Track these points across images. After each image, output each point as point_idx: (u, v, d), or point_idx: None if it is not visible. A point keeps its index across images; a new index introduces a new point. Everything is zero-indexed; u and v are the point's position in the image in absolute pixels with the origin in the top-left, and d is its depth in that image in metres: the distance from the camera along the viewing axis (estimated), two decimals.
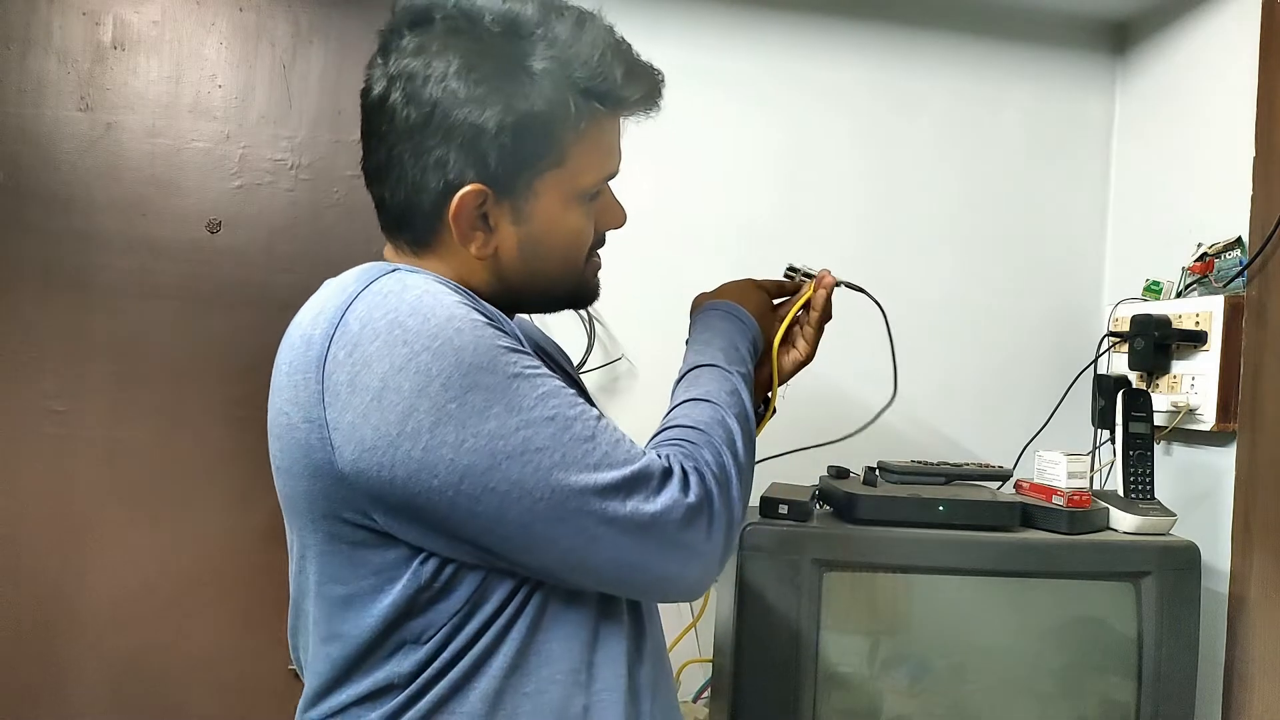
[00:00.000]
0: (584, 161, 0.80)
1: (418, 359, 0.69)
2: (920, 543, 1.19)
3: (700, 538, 0.75)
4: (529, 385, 0.72)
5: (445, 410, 0.69)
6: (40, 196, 1.46)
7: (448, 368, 0.69)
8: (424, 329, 0.70)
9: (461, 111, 0.75)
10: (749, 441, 0.86)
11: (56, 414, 1.47)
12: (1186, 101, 1.54)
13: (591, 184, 0.82)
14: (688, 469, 0.77)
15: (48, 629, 1.47)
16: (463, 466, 0.69)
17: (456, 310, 0.72)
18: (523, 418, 0.70)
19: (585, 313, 1.53)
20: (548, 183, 0.79)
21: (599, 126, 0.80)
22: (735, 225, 1.60)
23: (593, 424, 0.74)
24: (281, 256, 1.52)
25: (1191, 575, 1.22)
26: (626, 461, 0.73)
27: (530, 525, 0.71)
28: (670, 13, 1.58)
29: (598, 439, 0.73)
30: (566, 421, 0.72)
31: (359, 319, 0.71)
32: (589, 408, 0.75)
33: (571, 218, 0.82)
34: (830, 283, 1.03)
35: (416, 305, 0.71)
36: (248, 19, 1.52)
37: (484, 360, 0.70)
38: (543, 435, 0.71)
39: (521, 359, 0.73)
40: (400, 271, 0.75)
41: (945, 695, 1.22)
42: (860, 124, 1.65)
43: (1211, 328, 1.38)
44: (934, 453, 1.56)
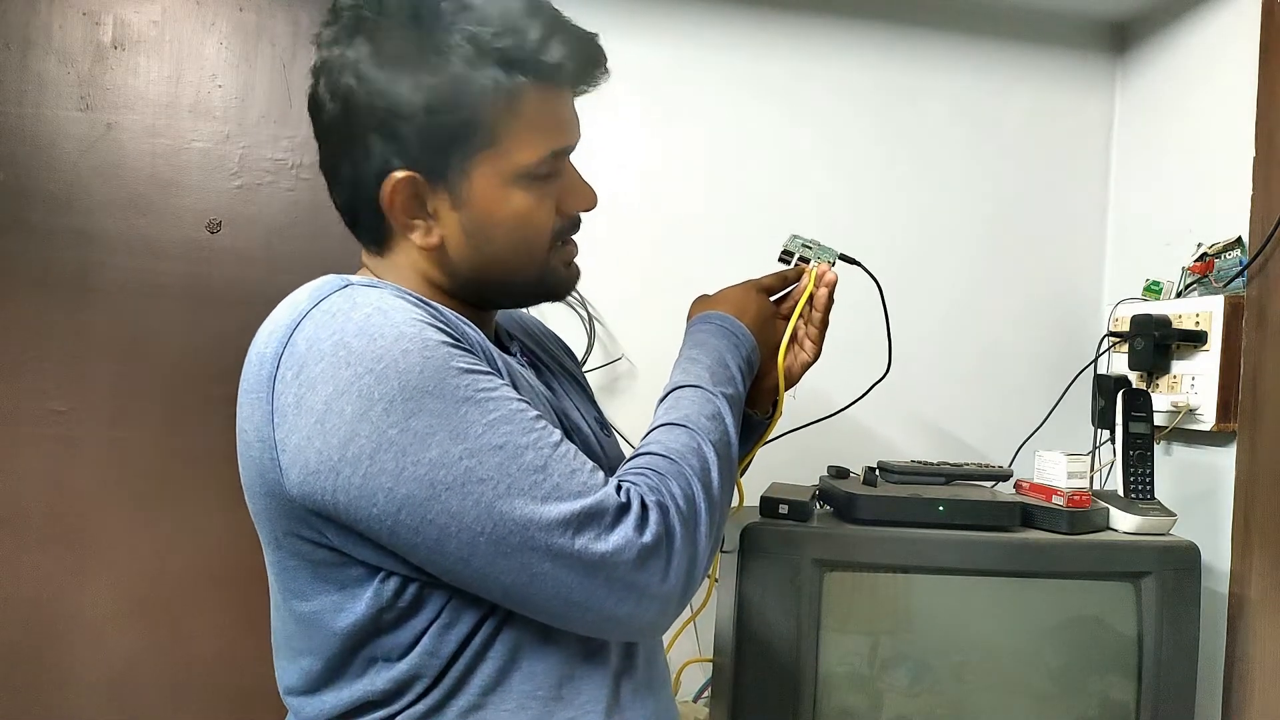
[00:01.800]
0: (520, 138, 0.76)
1: (360, 381, 0.66)
2: (920, 543, 1.19)
3: (654, 580, 0.71)
4: (479, 410, 0.68)
5: (386, 436, 0.66)
6: (40, 196, 1.46)
7: (391, 391, 0.66)
8: (368, 350, 0.67)
9: (376, 97, 0.73)
10: (727, 471, 0.81)
11: (56, 414, 1.47)
12: (1186, 101, 1.54)
13: (531, 162, 0.77)
14: (649, 503, 0.72)
15: (48, 628, 1.46)
16: (401, 496, 0.66)
17: (406, 329, 0.68)
18: (468, 445, 0.67)
19: (585, 312, 1.53)
20: (481, 164, 0.76)
21: (532, 99, 0.75)
22: (735, 224, 1.60)
23: (547, 452, 0.69)
24: (281, 256, 1.52)
25: (1191, 575, 1.22)
26: (579, 494, 0.69)
27: (469, 559, 0.68)
28: (671, 12, 1.58)
29: (550, 469, 0.69)
30: (516, 450, 0.68)
31: (306, 339, 0.69)
32: (547, 433, 0.71)
33: (515, 199, 0.78)
34: (832, 280, 1.01)
35: (363, 325, 0.68)
36: (248, 19, 1.52)
37: (431, 383, 0.67)
38: (488, 465, 0.67)
39: (476, 380, 0.69)
40: (352, 287, 0.72)
41: (945, 695, 1.22)
42: (860, 124, 1.65)
43: (1211, 328, 1.38)
44: (934, 453, 1.56)
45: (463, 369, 0.69)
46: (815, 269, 1.01)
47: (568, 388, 0.94)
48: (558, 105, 0.79)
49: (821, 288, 1.01)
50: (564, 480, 0.69)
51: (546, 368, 0.94)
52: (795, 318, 1.01)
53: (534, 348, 0.97)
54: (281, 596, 0.77)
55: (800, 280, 1.03)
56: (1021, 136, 1.69)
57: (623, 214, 1.55)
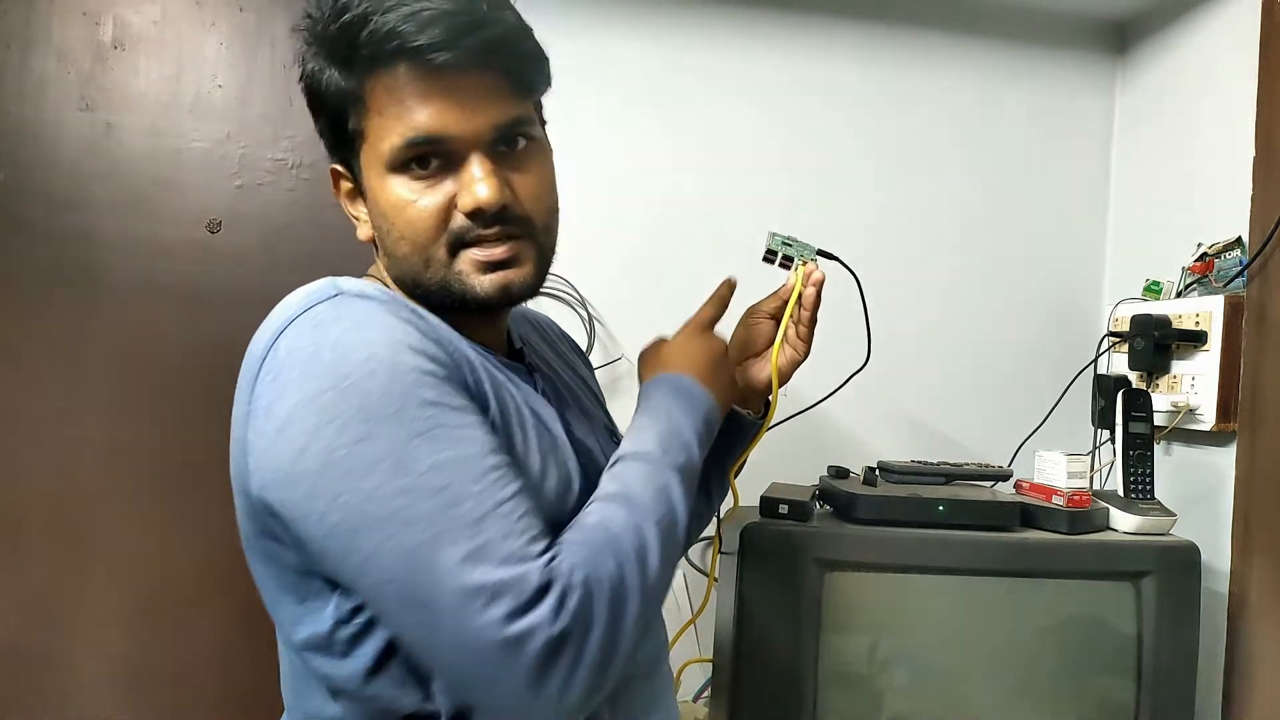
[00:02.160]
0: (379, 125, 0.75)
1: (323, 396, 0.65)
2: (920, 543, 1.19)
3: (554, 681, 0.64)
4: (431, 447, 0.65)
5: (333, 456, 0.64)
6: (41, 196, 1.46)
7: (348, 411, 0.65)
8: (337, 366, 0.66)
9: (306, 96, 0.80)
10: (668, 550, 0.75)
11: (57, 414, 1.47)
12: (1186, 101, 1.54)
13: (393, 149, 0.74)
14: (573, 583, 0.66)
15: (48, 628, 1.46)
16: (332, 521, 0.65)
17: (380, 349, 0.67)
18: (407, 481, 0.64)
19: (585, 312, 1.53)
20: (363, 154, 0.78)
21: (380, 86, 0.73)
22: (735, 224, 1.60)
23: (488, 507, 0.66)
24: (281, 256, 1.52)
25: (1191, 575, 1.22)
26: (505, 561, 0.64)
27: (380, 601, 0.67)
28: (671, 12, 1.58)
29: (484, 525, 0.65)
30: (456, 498, 0.65)
31: (288, 345, 0.69)
32: (498, 485, 0.67)
33: (390, 188, 0.76)
34: (820, 278, 1.01)
35: (339, 339, 0.67)
36: (248, 19, 1.52)
37: (389, 409, 0.65)
38: (420, 508, 0.64)
39: (439, 414, 0.67)
40: (341, 297, 0.71)
41: (945, 695, 1.22)
42: (860, 124, 1.65)
43: (1211, 328, 1.38)
44: (934, 453, 1.56)
45: (428, 400, 0.67)
46: (803, 268, 1.02)
47: (576, 395, 0.93)
48: (412, 90, 0.73)
49: (810, 286, 1.01)
50: (497, 541, 0.65)
51: (555, 373, 0.93)
52: (787, 318, 1.01)
53: (544, 351, 0.96)
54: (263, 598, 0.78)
55: (788, 281, 1.03)
56: (1021, 136, 1.69)
57: (622, 214, 1.55)
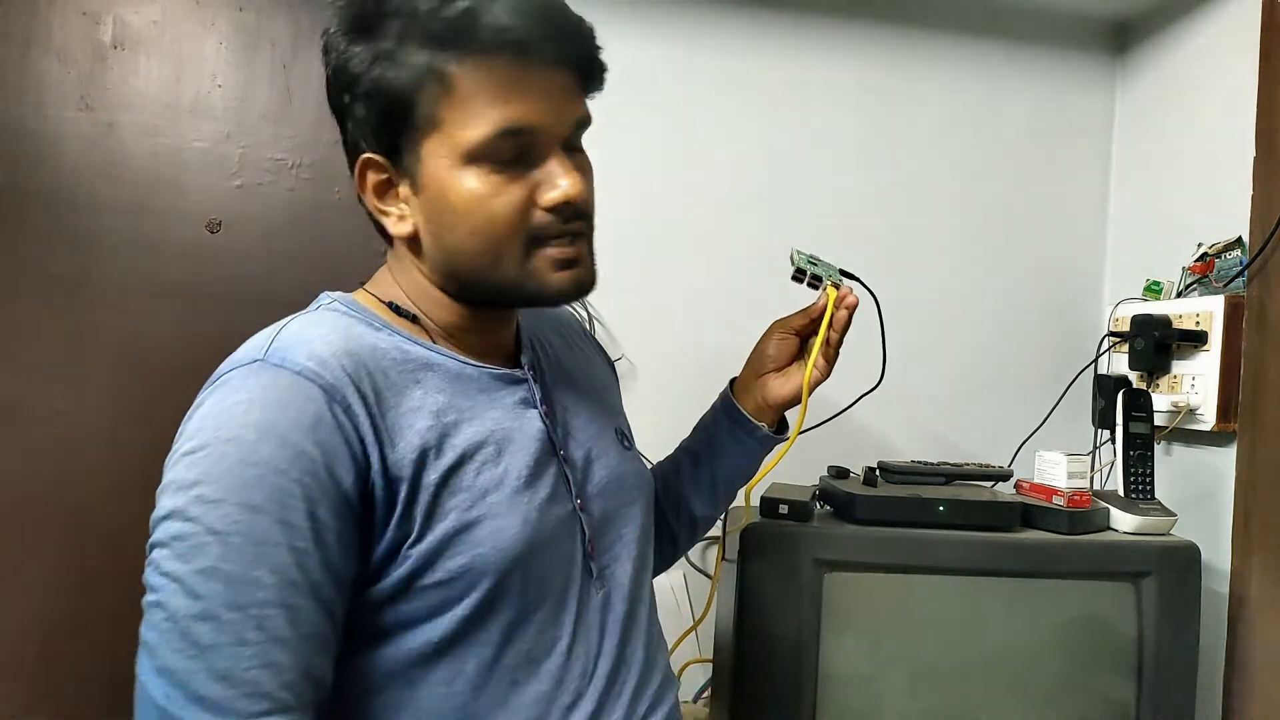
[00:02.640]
0: (464, 115, 0.72)
1: (180, 459, 0.68)
2: (920, 543, 1.19)
3: None
4: (219, 551, 0.64)
5: (156, 515, 0.68)
6: (40, 196, 1.46)
7: (187, 480, 0.67)
8: (200, 436, 0.68)
9: (334, 83, 0.76)
10: None
11: (56, 414, 1.47)
12: (1186, 101, 1.54)
13: (481, 139, 0.72)
14: None
15: (48, 629, 1.46)
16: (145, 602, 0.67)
17: (247, 434, 0.66)
18: (181, 570, 0.65)
19: (585, 312, 1.53)
20: (429, 144, 0.74)
21: (472, 75, 0.72)
22: (734, 225, 1.60)
23: (227, 639, 0.63)
24: (281, 256, 1.52)
25: (1191, 575, 1.22)
26: (197, 702, 0.63)
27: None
28: (671, 13, 1.58)
29: (209, 655, 0.63)
30: (202, 615, 0.64)
31: (200, 400, 0.72)
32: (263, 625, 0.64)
33: (467, 180, 0.73)
34: (854, 303, 1.01)
35: (222, 413, 0.69)
36: (248, 19, 1.52)
37: (214, 495, 0.65)
38: (173, 604, 0.64)
39: (252, 522, 0.65)
40: (259, 364, 0.71)
41: (945, 695, 1.22)
42: (860, 124, 1.65)
43: (1212, 328, 1.38)
44: (934, 453, 1.56)
45: (251, 504, 0.65)
46: (835, 291, 1.02)
47: (586, 400, 0.91)
48: (507, 80, 0.72)
49: (842, 310, 1.01)
50: (201, 677, 0.63)
51: (565, 377, 0.91)
52: (820, 341, 1.02)
53: (560, 350, 0.94)
54: None
55: (819, 301, 1.04)
56: (1021, 136, 1.69)
57: (622, 214, 1.55)
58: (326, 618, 0.69)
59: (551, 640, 0.79)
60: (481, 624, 0.75)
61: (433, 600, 0.73)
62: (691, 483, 1.09)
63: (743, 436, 1.05)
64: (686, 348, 1.56)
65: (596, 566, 0.84)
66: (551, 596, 0.79)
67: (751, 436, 1.05)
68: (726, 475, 1.08)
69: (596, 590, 0.84)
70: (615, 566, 0.86)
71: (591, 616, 0.82)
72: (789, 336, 1.05)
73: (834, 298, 1.01)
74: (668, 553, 1.10)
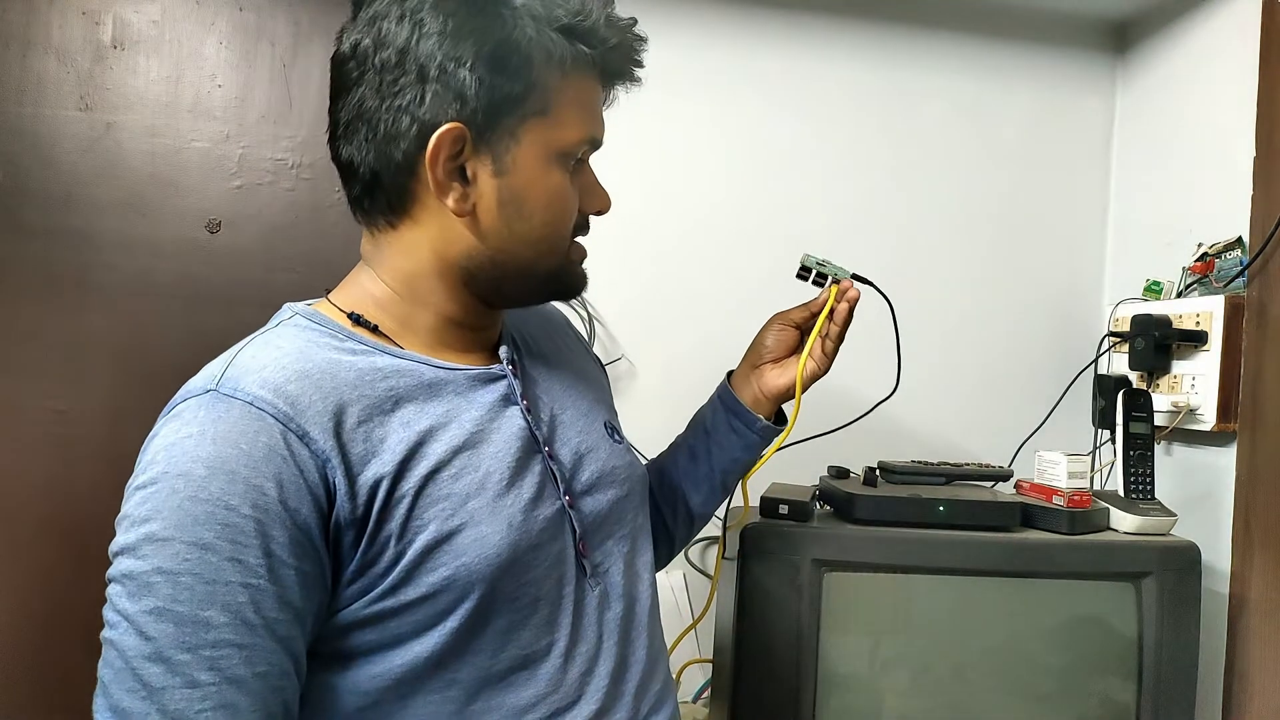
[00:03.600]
0: (569, 114, 0.76)
1: (133, 492, 0.67)
2: (920, 543, 1.19)
3: None
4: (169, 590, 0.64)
5: (113, 548, 0.67)
6: (40, 196, 1.46)
7: (138, 516, 0.66)
8: (152, 469, 0.67)
9: (434, 44, 0.72)
10: None
11: (56, 414, 1.47)
12: (1186, 101, 1.54)
13: (575, 142, 0.78)
14: None
15: (48, 629, 1.46)
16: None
17: (197, 470, 0.65)
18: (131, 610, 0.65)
19: (585, 312, 1.53)
20: (531, 131, 0.75)
21: (583, 80, 0.77)
22: (735, 225, 1.60)
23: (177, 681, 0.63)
24: (281, 256, 1.52)
25: (1192, 575, 1.22)
26: None
27: None
28: (671, 13, 1.58)
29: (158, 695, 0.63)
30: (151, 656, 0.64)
31: (155, 430, 0.71)
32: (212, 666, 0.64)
33: (554, 177, 0.77)
34: (855, 296, 1.02)
35: (174, 445, 0.67)
36: (248, 19, 1.52)
37: (165, 533, 0.64)
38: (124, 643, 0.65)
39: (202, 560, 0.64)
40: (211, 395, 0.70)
41: (945, 695, 1.22)
42: (860, 124, 1.65)
43: (1212, 328, 1.38)
44: (934, 453, 1.56)
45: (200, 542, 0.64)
46: (843, 285, 1.02)
47: (572, 394, 0.90)
48: (597, 96, 0.80)
49: (843, 302, 1.02)
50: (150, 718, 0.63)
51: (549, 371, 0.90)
52: (816, 332, 1.02)
53: (545, 346, 0.93)
54: None
55: (820, 295, 1.04)
56: (1021, 136, 1.69)
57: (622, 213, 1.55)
58: (285, 655, 0.67)
59: (548, 643, 0.78)
60: (473, 635, 0.73)
61: (419, 617, 0.71)
62: (689, 477, 1.08)
63: (741, 428, 1.05)
64: (686, 348, 1.56)
65: (590, 564, 0.82)
66: (545, 599, 0.78)
67: (750, 428, 1.04)
68: (724, 467, 1.07)
69: (592, 588, 0.82)
70: (609, 563, 0.85)
71: (589, 616, 0.81)
72: (788, 329, 1.05)
73: (835, 291, 1.02)
74: (664, 550, 1.10)
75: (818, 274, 1.03)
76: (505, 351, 0.84)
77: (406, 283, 0.80)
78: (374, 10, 0.75)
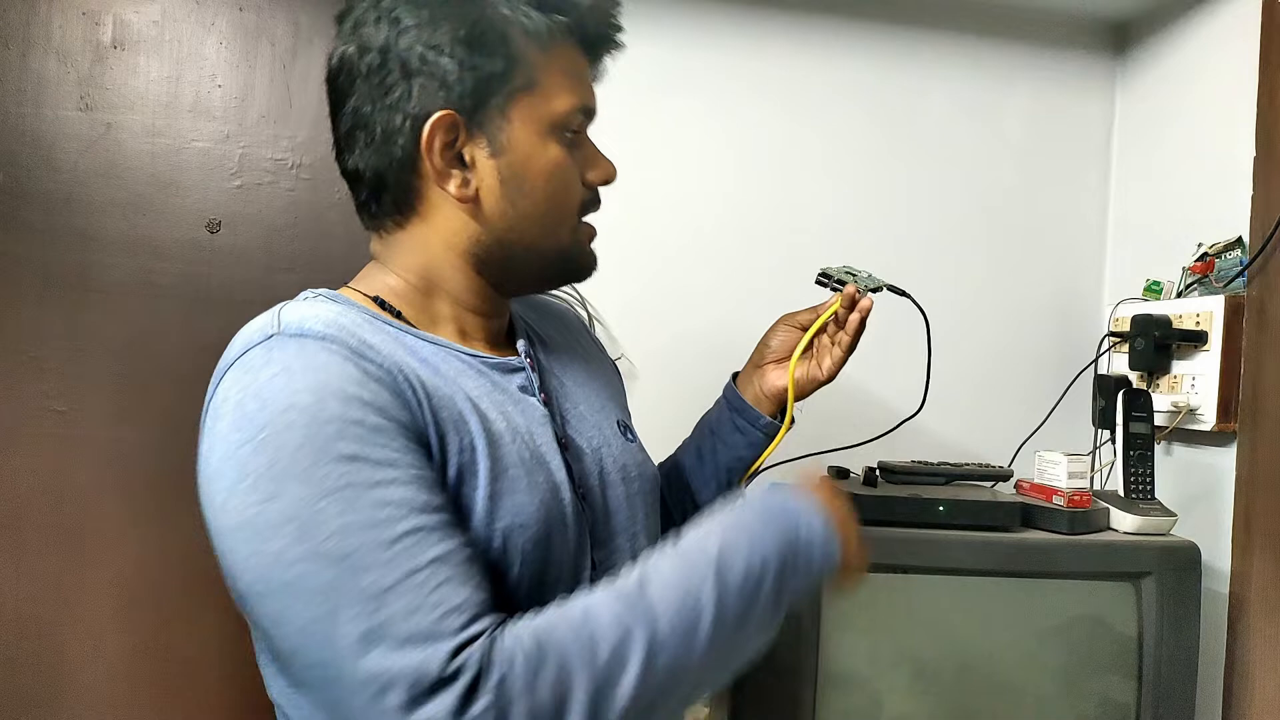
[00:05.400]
0: (556, 85, 0.77)
1: (240, 451, 0.64)
2: (920, 543, 1.19)
3: None
4: (338, 509, 0.61)
5: (244, 515, 0.63)
6: (40, 196, 1.46)
7: (261, 466, 0.62)
8: (257, 418, 0.64)
9: (412, 38, 0.73)
10: (662, 670, 0.64)
11: (57, 414, 1.47)
12: (1186, 101, 1.54)
13: (566, 111, 0.78)
14: (489, 682, 0.59)
15: (48, 629, 1.46)
16: (246, 582, 0.64)
17: (302, 398, 0.64)
18: (310, 547, 0.61)
19: (585, 312, 1.53)
20: (521, 107, 0.76)
21: (565, 50, 0.78)
22: (735, 224, 1.60)
23: (395, 577, 0.60)
24: (281, 256, 1.52)
25: (1192, 575, 1.22)
26: (407, 642, 0.59)
27: (290, 665, 0.66)
28: (671, 13, 1.58)
29: (387, 600, 0.60)
30: (359, 568, 0.60)
31: (223, 392, 0.68)
32: (419, 551, 0.61)
33: (551, 150, 0.78)
34: (867, 306, 1.01)
35: (263, 387, 0.65)
36: (248, 19, 1.52)
37: (301, 465, 0.62)
38: (321, 577, 0.60)
39: (357, 470, 0.62)
40: (276, 338, 0.69)
41: (945, 695, 1.22)
42: (860, 124, 1.64)
43: (1212, 328, 1.38)
44: (934, 453, 1.56)
45: (344, 455, 0.63)
46: (848, 290, 1.01)
47: (585, 390, 0.90)
48: (583, 64, 0.80)
49: (855, 312, 1.01)
50: (397, 619, 0.59)
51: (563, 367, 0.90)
52: (812, 332, 1.01)
53: (559, 343, 0.94)
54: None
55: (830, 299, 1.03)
56: (1021, 136, 1.69)
57: (622, 213, 1.55)
58: (463, 535, 0.66)
59: None
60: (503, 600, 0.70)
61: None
62: (696, 476, 1.09)
63: (745, 425, 1.05)
64: (687, 348, 1.56)
65: (599, 557, 0.82)
66: (562, 581, 0.77)
67: (754, 425, 1.04)
68: (729, 465, 1.07)
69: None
70: (618, 559, 0.85)
71: None
72: (793, 330, 1.05)
73: (843, 297, 1.01)
74: None
75: (836, 280, 1.03)
76: (523, 345, 0.85)
77: (421, 275, 0.81)
78: (354, 18, 0.76)
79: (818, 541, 0.74)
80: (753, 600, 0.69)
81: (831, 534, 0.74)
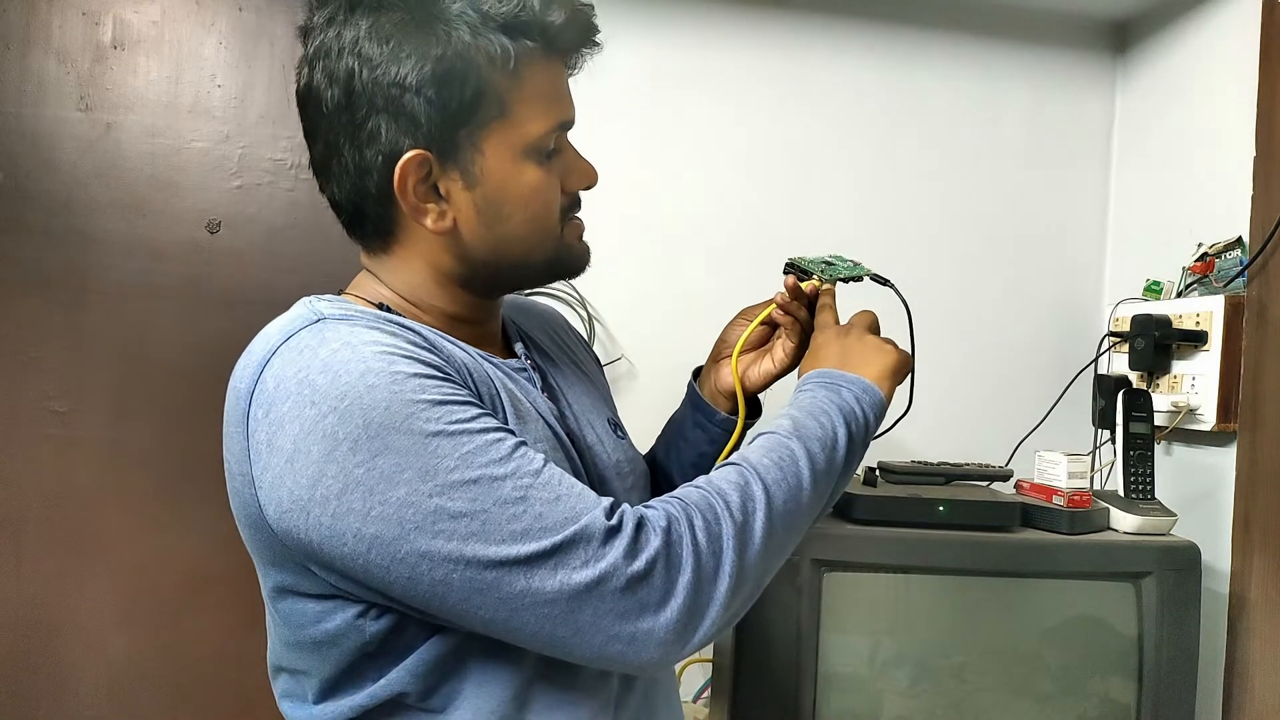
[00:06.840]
0: (528, 109, 0.75)
1: (324, 421, 0.65)
2: (920, 543, 1.19)
3: (646, 615, 0.66)
4: (451, 444, 0.65)
5: (352, 476, 0.64)
6: (40, 197, 1.46)
7: (355, 430, 0.64)
8: (332, 389, 0.65)
9: (380, 74, 0.71)
10: (786, 517, 0.74)
11: (56, 414, 1.47)
12: (1186, 101, 1.54)
13: (541, 134, 0.76)
14: (651, 528, 0.67)
15: (48, 629, 1.46)
16: (370, 536, 0.65)
17: (373, 364, 0.66)
18: (438, 482, 0.64)
19: (585, 312, 1.53)
20: (493, 137, 0.74)
21: (536, 69, 0.74)
22: (734, 225, 1.60)
23: (527, 481, 0.66)
24: (281, 256, 1.52)
25: (1191, 575, 1.22)
26: (561, 524, 0.65)
27: (445, 596, 0.66)
28: (670, 13, 1.58)
29: (529, 500, 0.65)
30: (492, 483, 0.65)
31: (274, 376, 0.68)
32: (527, 460, 0.67)
33: (527, 174, 0.76)
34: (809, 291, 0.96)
35: (328, 362, 0.67)
36: (248, 19, 1.52)
37: (397, 420, 0.65)
38: (460, 501, 0.64)
39: (450, 411, 0.66)
40: (324, 322, 0.71)
41: (945, 695, 1.22)
42: (860, 124, 1.64)
43: (1212, 328, 1.38)
44: (934, 453, 1.56)
45: (434, 400, 0.66)
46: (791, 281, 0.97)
47: (578, 390, 0.92)
48: (558, 77, 0.78)
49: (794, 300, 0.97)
50: (546, 510, 0.66)
51: (556, 367, 0.92)
52: (754, 325, 0.98)
53: (547, 344, 0.95)
54: (272, 620, 0.77)
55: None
56: (1022, 136, 1.69)
57: (622, 213, 1.55)
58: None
59: None
60: None
61: None
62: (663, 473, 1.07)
63: (703, 421, 1.03)
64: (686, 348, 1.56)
65: None
66: None
67: (710, 420, 1.02)
68: (693, 461, 1.04)
69: None
70: None
71: None
72: (747, 324, 1.01)
73: (789, 289, 0.96)
74: None
75: (800, 271, 0.99)
76: (520, 348, 0.87)
77: (409, 291, 0.81)
78: (317, 44, 0.74)
79: (865, 399, 0.84)
80: (832, 447, 0.79)
81: (868, 385, 0.85)
